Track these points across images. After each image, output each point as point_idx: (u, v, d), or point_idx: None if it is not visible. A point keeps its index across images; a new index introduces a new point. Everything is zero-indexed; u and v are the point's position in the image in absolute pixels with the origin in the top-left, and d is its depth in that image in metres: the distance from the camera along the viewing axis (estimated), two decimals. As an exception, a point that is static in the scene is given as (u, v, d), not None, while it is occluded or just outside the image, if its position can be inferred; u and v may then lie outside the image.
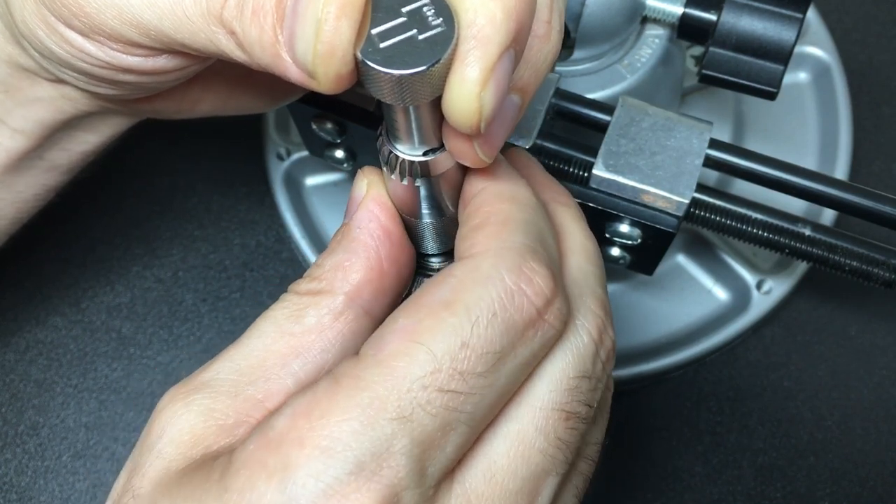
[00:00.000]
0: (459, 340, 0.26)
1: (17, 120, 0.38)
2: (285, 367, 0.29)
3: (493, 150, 0.28)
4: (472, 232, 0.29)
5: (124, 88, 0.35)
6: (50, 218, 0.46)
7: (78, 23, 0.30)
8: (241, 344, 0.30)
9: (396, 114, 0.28)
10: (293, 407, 0.26)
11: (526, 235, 0.29)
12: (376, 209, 0.32)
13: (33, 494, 0.55)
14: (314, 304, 0.30)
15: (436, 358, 0.26)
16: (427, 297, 0.27)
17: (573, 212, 0.34)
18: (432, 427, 0.26)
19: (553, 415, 0.28)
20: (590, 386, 0.29)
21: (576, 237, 0.32)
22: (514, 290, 0.27)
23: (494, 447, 0.28)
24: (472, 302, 0.26)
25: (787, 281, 0.57)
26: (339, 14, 0.24)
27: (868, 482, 0.55)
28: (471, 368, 0.26)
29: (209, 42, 0.29)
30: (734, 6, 0.45)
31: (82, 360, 0.58)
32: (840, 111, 0.61)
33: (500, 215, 0.29)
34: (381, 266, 0.31)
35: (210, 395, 0.29)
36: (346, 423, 0.25)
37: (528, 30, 0.26)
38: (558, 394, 0.28)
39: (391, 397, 0.25)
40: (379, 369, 0.26)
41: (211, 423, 0.28)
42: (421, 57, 0.25)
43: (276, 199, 0.60)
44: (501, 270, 0.27)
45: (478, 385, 0.26)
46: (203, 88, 0.37)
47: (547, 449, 0.28)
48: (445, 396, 0.26)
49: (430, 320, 0.26)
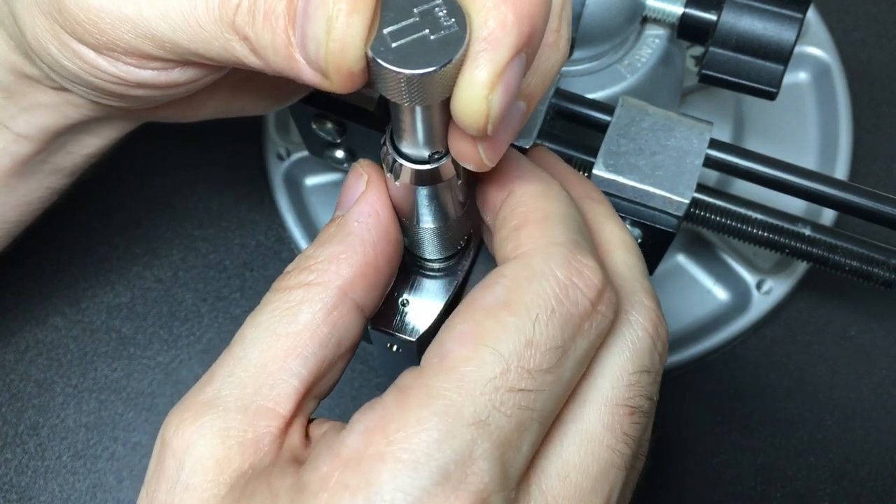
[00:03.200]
0: (524, 339, 0.26)
1: (21, 125, 0.38)
2: (287, 370, 0.29)
3: (497, 154, 0.28)
4: (513, 233, 0.29)
5: (134, 101, 0.35)
6: (50, 218, 0.46)
7: (91, 39, 0.30)
8: (236, 356, 0.29)
9: (404, 115, 0.27)
10: (364, 423, 0.26)
11: (568, 230, 0.29)
12: (377, 204, 0.31)
13: (33, 494, 0.55)
14: (306, 299, 0.30)
15: (503, 358, 0.26)
16: (481, 299, 0.27)
17: (606, 208, 0.34)
18: (509, 428, 0.26)
19: (618, 410, 0.28)
20: (650, 379, 0.29)
21: (615, 232, 0.33)
22: (568, 285, 0.27)
23: (565, 447, 0.28)
24: (531, 300, 0.27)
25: (787, 281, 0.57)
26: (350, 11, 0.24)
27: (868, 482, 0.55)
28: (537, 365, 0.26)
29: (223, 50, 0.29)
30: (734, 6, 0.45)
31: (82, 360, 0.58)
32: (840, 111, 0.61)
33: (539, 213, 0.29)
34: (376, 261, 0.31)
35: (219, 414, 0.28)
36: (425, 434, 0.25)
37: (541, 34, 0.26)
38: (621, 389, 0.28)
39: (466, 402, 0.25)
40: (447, 375, 0.26)
41: (231, 443, 0.27)
42: (432, 57, 0.25)
43: (276, 199, 0.60)
44: (552, 266, 0.27)
45: (546, 381, 0.26)
46: (207, 93, 0.37)
47: (615, 445, 0.28)
48: (518, 396, 0.26)
49: (490, 321, 0.26)
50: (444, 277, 0.36)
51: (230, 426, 0.28)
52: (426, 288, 0.36)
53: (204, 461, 0.27)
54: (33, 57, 0.34)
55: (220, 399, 0.28)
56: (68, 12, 0.30)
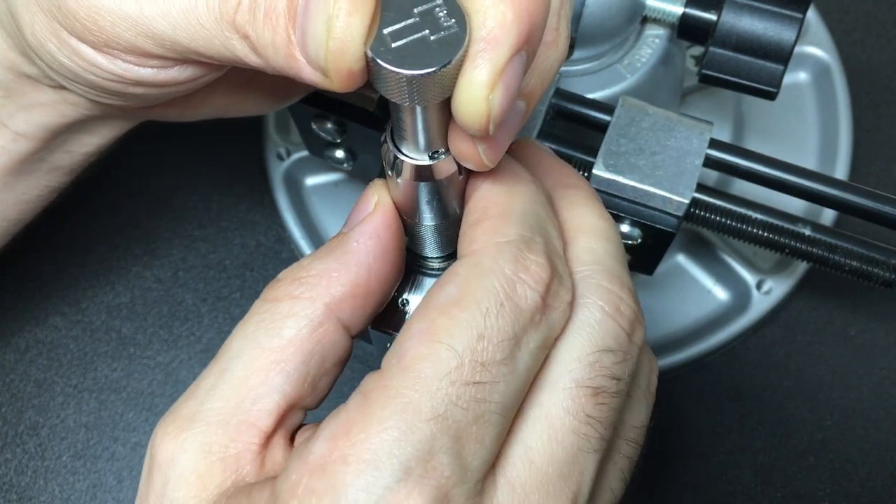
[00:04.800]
0: (476, 332, 0.27)
1: (20, 123, 0.38)
2: (269, 384, 0.29)
3: (497, 154, 0.29)
4: (470, 228, 0.30)
5: (133, 100, 0.35)
6: (50, 218, 0.46)
7: (91, 36, 0.30)
8: (220, 369, 0.30)
9: (404, 114, 0.27)
10: (329, 430, 0.26)
11: (523, 226, 0.29)
12: (381, 226, 0.31)
13: (33, 494, 0.55)
14: (293, 313, 0.30)
15: (457, 353, 0.26)
16: (436, 298, 0.28)
17: (582, 192, 0.33)
18: (466, 421, 0.26)
19: (577, 392, 0.28)
20: (615, 359, 0.29)
21: (585, 217, 0.32)
22: (515, 280, 0.28)
23: (527, 434, 0.28)
24: (480, 295, 0.27)
25: (787, 281, 0.57)
26: (351, 10, 0.24)
27: (868, 482, 0.55)
28: (490, 358, 0.27)
29: (223, 48, 0.29)
30: (734, 6, 0.45)
31: (82, 360, 0.58)
32: (840, 111, 0.61)
33: (497, 208, 0.29)
34: (368, 284, 0.31)
35: (202, 429, 0.28)
36: (385, 433, 0.25)
37: (541, 33, 0.26)
38: (578, 371, 0.28)
39: (423, 399, 0.26)
40: (405, 374, 0.26)
41: (212, 459, 0.28)
42: (432, 57, 0.25)
43: (276, 199, 0.60)
44: (501, 263, 0.28)
45: (500, 373, 0.27)
46: (206, 93, 0.37)
47: (579, 428, 0.28)
48: (473, 388, 0.26)
49: (443, 319, 0.27)
50: (443, 277, 0.36)
51: (212, 441, 0.28)
52: (426, 287, 0.36)
53: (187, 476, 0.28)
54: (32, 55, 0.34)
55: (202, 413, 0.29)
56: (68, 9, 0.30)
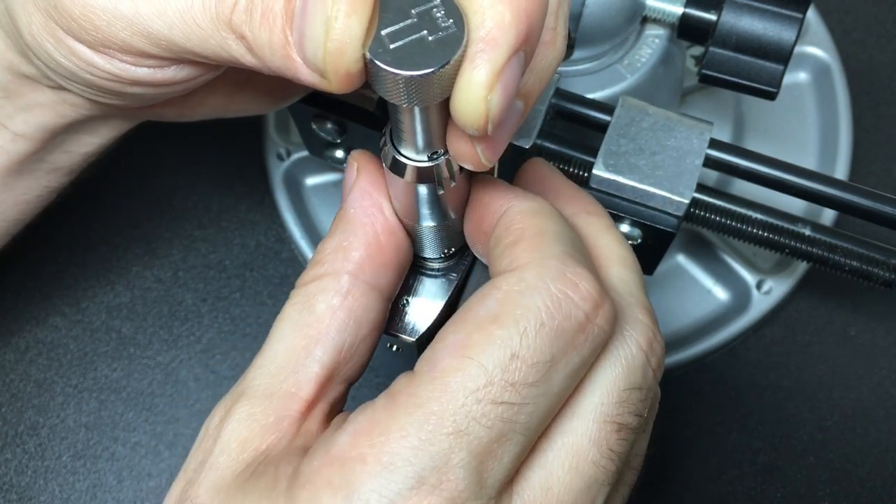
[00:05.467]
0: (509, 352, 0.26)
1: (19, 124, 0.38)
2: (309, 356, 0.31)
3: (496, 153, 0.29)
4: (509, 249, 0.29)
5: (130, 100, 0.34)
6: (50, 218, 0.46)
7: (87, 36, 0.30)
8: (266, 350, 0.31)
9: (403, 115, 0.27)
10: (354, 425, 0.27)
11: (563, 244, 0.29)
12: (367, 187, 0.32)
13: (33, 494, 0.55)
14: (321, 290, 0.31)
15: (487, 371, 0.26)
16: (474, 311, 0.28)
17: (605, 221, 0.34)
18: (488, 439, 0.26)
19: (606, 427, 0.28)
20: (641, 396, 0.29)
21: (611, 247, 0.33)
22: (561, 298, 0.27)
23: (550, 459, 0.28)
24: (520, 314, 0.27)
25: (787, 281, 0.57)
26: (350, 12, 0.24)
27: (868, 482, 0.55)
28: (522, 379, 0.26)
29: (220, 48, 0.29)
30: (734, 6, 0.45)
31: (82, 360, 0.58)
32: (840, 111, 0.61)
33: (534, 229, 0.29)
34: (378, 241, 0.32)
35: (248, 402, 0.30)
36: (405, 440, 0.26)
37: (539, 33, 0.26)
38: (610, 406, 0.28)
39: (447, 412, 0.26)
40: (433, 385, 0.26)
41: (254, 426, 0.30)
42: (431, 58, 0.24)
43: (276, 199, 0.60)
44: (546, 280, 0.27)
45: (530, 395, 0.27)
46: (205, 93, 0.37)
47: (600, 461, 0.28)
48: (499, 408, 0.26)
49: (478, 334, 0.27)
50: (443, 277, 0.36)
51: (255, 411, 0.30)
52: (426, 288, 0.36)
53: (230, 442, 0.30)
54: (30, 55, 0.34)
55: (251, 389, 0.31)
56: (64, 9, 0.30)
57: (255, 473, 0.28)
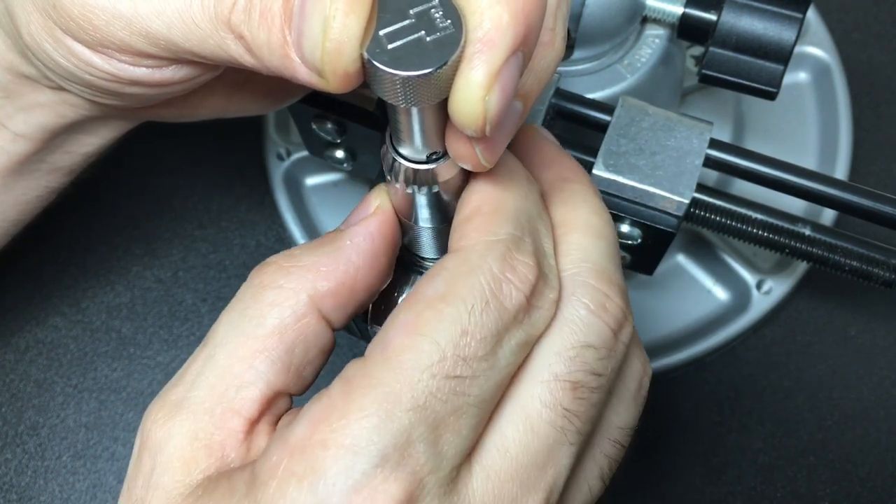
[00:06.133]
0: (459, 328, 0.27)
1: (19, 124, 0.38)
2: (253, 371, 0.30)
3: (495, 154, 0.29)
4: (462, 223, 0.30)
5: (129, 100, 0.34)
6: (50, 218, 0.46)
7: (86, 36, 0.30)
8: (205, 355, 0.30)
9: (401, 116, 0.27)
10: (310, 414, 0.27)
11: (513, 225, 0.29)
12: (376, 231, 0.32)
13: (33, 494, 0.55)
14: (276, 302, 0.30)
15: (440, 347, 0.27)
16: (423, 290, 0.28)
17: (581, 187, 0.33)
18: (444, 412, 0.27)
19: (556, 386, 0.29)
20: (597, 355, 0.30)
21: (579, 213, 0.32)
22: (501, 279, 0.28)
23: (503, 425, 0.29)
24: (466, 292, 0.28)
25: (787, 281, 0.57)
26: (348, 11, 0.24)
27: (868, 482, 0.55)
28: (472, 353, 0.27)
29: (218, 48, 0.29)
30: (734, 6, 0.45)
31: (82, 360, 0.58)
32: (840, 111, 0.61)
33: (490, 205, 0.30)
34: (353, 284, 0.31)
35: (188, 416, 0.29)
36: (365, 420, 0.26)
37: (537, 34, 0.26)
38: (557, 365, 0.29)
39: (404, 389, 0.26)
40: (388, 364, 0.27)
41: (198, 446, 0.29)
42: (428, 59, 0.24)
43: (276, 199, 0.60)
44: (489, 261, 0.28)
45: (480, 368, 0.27)
46: (205, 94, 0.37)
47: (555, 420, 0.29)
48: (453, 382, 0.27)
49: (429, 312, 0.27)
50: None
51: (198, 428, 0.29)
52: None
53: (173, 462, 0.29)
54: (29, 55, 0.34)
55: (189, 400, 0.30)
56: (63, 9, 0.30)
57: (206, 490, 0.28)
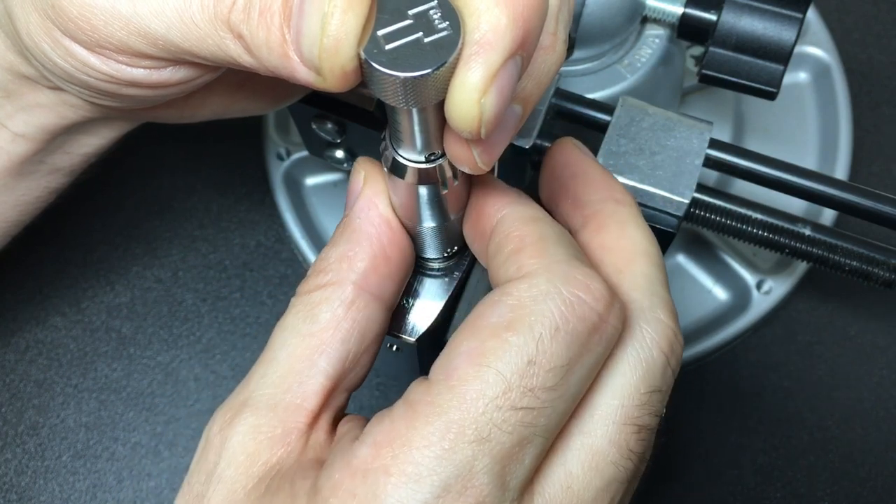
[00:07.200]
0: (526, 359, 0.27)
1: (19, 124, 0.38)
2: (313, 367, 0.30)
3: (492, 157, 0.28)
4: (513, 256, 0.29)
5: (128, 101, 0.34)
6: (50, 218, 0.46)
7: (84, 36, 0.30)
8: (268, 358, 0.31)
9: (400, 116, 0.27)
10: (374, 436, 0.27)
11: (566, 247, 0.29)
12: (374, 197, 0.32)
13: (33, 494, 0.55)
14: (325, 299, 0.31)
15: (505, 378, 0.26)
16: (486, 318, 0.28)
17: (632, 210, 0.33)
18: (510, 444, 0.26)
19: (626, 429, 0.29)
20: (660, 398, 0.30)
21: (637, 240, 0.32)
22: (574, 301, 0.27)
23: (569, 459, 0.28)
24: (534, 319, 0.27)
25: (787, 281, 0.57)
26: (346, 8, 0.24)
27: (868, 482, 0.55)
28: (540, 384, 0.27)
29: (217, 48, 0.29)
30: (734, 6, 0.45)
31: (82, 360, 0.58)
32: (840, 111, 0.61)
33: (533, 235, 0.30)
34: (384, 252, 0.32)
35: (252, 412, 0.30)
36: (428, 450, 0.26)
37: (537, 37, 0.26)
38: (631, 409, 0.29)
39: (468, 420, 0.26)
40: (452, 394, 0.27)
41: (261, 438, 0.29)
42: (426, 60, 0.24)
43: (276, 199, 0.60)
44: (557, 284, 0.28)
45: (549, 399, 0.27)
46: (205, 94, 0.37)
47: (619, 461, 0.29)
48: (519, 413, 0.26)
49: (493, 342, 0.27)
50: (443, 277, 0.36)
51: (261, 423, 0.30)
52: (427, 288, 0.36)
53: (237, 455, 0.29)
54: (28, 56, 0.34)
55: (253, 398, 0.30)
56: (61, 9, 0.30)
57: (269, 488, 0.28)
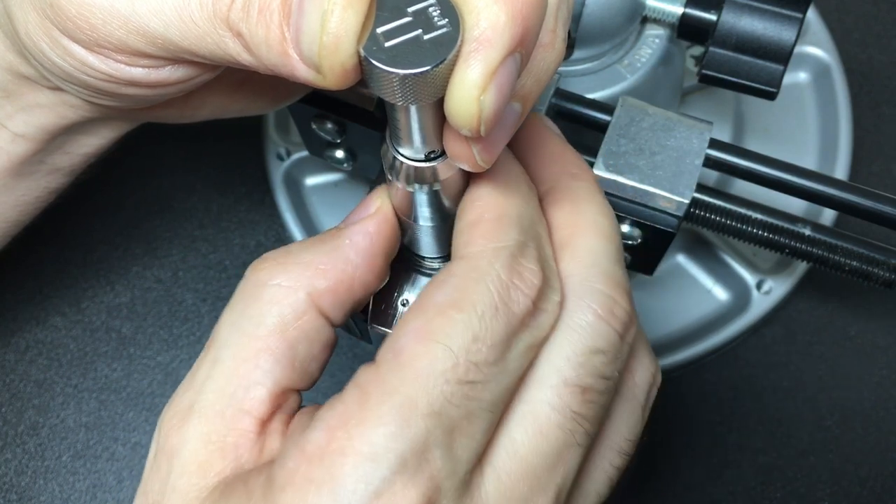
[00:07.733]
0: (471, 334, 0.27)
1: (19, 125, 0.38)
2: (258, 370, 0.30)
3: (492, 155, 0.29)
4: (467, 228, 0.30)
5: (127, 101, 0.34)
6: (50, 218, 0.46)
7: (83, 35, 0.30)
8: (211, 358, 0.31)
9: (399, 114, 0.27)
10: (326, 421, 0.27)
11: (518, 231, 0.30)
12: (375, 231, 0.32)
13: (33, 494, 0.55)
14: (276, 300, 0.31)
15: (453, 353, 0.27)
16: (432, 297, 0.28)
17: (586, 185, 0.33)
18: (458, 416, 0.27)
19: (565, 391, 0.29)
20: (605, 359, 0.30)
21: (586, 214, 0.32)
22: (510, 286, 0.29)
23: (513, 428, 0.29)
24: (476, 298, 0.28)
25: (787, 281, 0.57)
26: (346, 6, 0.24)
27: (868, 482, 0.55)
28: (483, 359, 0.28)
29: (216, 47, 0.29)
30: (734, 6, 0.45)
31: (82, 360, 0.58)
32: (840, 111, 0.61)
33: (493, 211, 0.30)
34: (351, 283, 0.32)
35: (200, 419, 0.30)
36: (383, 428, 0.26)
37: (536, 35, 0.26)
38: (567, 370, 0.29)
39: (420, 396, 0.27)
40: (402, 371, 0.27)
41: (212, 448, 0.29)
42: (425, 57, 0.24)
43: (276, 199, 0.60)
44: (497, 268, 0.29)
45: (491, 373, 0.28)
46: (205, 94, 0.37)
47: (564, 423, 0.29)
48: (466, 387, 0.27)
49: (440, 319, 0.28)
50: (442, 277, 0.36)
51: (210, 430, 0.29)
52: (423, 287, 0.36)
53: (188, 465, 0.29)
54: (27, 55, 0.34)
55: (200, 403, 0.30)
56: (60, 8, 0.30)
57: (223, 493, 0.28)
